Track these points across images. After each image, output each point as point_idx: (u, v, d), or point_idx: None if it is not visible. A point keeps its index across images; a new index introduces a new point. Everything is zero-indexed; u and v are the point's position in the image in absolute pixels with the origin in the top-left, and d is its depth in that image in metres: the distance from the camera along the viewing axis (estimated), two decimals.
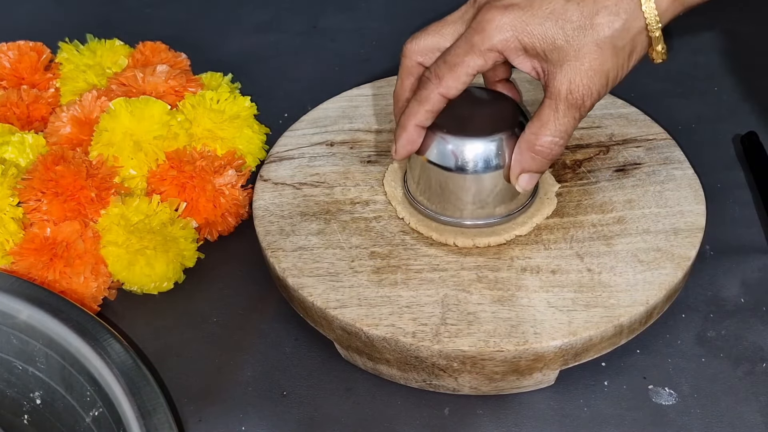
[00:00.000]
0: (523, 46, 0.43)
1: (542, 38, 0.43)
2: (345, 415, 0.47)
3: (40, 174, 0.53)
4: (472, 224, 0.50)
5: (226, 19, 0.81)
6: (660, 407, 0.47)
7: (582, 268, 0.48)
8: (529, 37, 0.43)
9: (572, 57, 0.42)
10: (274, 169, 0.56)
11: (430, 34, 0.47)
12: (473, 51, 0.44)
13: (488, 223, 0.50)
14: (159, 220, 0.53)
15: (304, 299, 0.47)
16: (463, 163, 0.48)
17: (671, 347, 0.50)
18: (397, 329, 0.45)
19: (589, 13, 0.42)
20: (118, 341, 0.42)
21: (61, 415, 0.43)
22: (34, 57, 0.65)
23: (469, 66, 0.44)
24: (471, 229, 0.50)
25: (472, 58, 0.44)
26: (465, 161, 0.48)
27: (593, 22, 0.42)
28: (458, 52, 0.44)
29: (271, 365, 0.50)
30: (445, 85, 0.45)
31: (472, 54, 0.44)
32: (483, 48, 0.43)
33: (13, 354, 0.44)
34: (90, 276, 0.52)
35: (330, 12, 0.81)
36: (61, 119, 0.58)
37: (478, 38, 0.43)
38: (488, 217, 0.50)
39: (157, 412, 0.39)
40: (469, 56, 0.44)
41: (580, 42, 0.42)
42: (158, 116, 0.56)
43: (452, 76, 0.44)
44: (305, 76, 0.73)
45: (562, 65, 0.43)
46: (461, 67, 0.44)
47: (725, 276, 0.53)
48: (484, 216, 0.50)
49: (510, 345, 0.44)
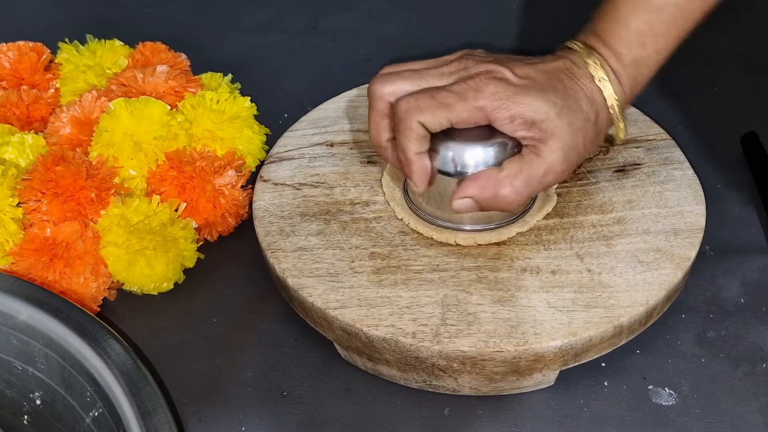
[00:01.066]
0: (512, 114, 0.44)
1: (535, 111, 0.44)
2: (345, 415, 0.47)
3: (40, 174, 0.53)
4: (471, 229, 0.50)
5: (226, 20, 0.81)
6: (660, 407, 0.47)
7: (582, 269, 0.48)
8: (520, 108, 0.44)
9: (554, 135, 0.45)
10: (274, 169, 0.56)
11: (404, 79, 0.46)
12: (464, 102, 0.44)
13: (487, 228, 0.50)
14: (159, 220, 0.53)
15: (304, 300, 0.47)
16: (462, 168, 0.47)
17: (671, 347, 0.50)
18: (397, 330, 0.45)
19: (566, 97, 0.45)
20: (118, 342, 0.42)
21: (61, 416, 0.43)
22: (34, 57, 0.65)
23: (455, 112, 0.44)
24: (470, 232, 0.50)
25: (461, 108, 0.44)
26: (465, 166, 0.47)
27: (568, 104, 0.45)
28: (449, 97, 0.44)
29: (271, 366, 0.50)
30: (426, 117, 0.44)
31: (462, 104, 0.44)
32: (475, 104, 0.44)
33: (13, 354, 0.44)
34: (90, 276, 0.52)
35: (330, 12, 0.81)
36: (61, 119, 0.58)
37: (472, 94, 0.44)
38: (487, 221, 0.50)
39: (157, 412, 0.39)
40: (459, 104, 0.44)
41: (560, 122, 0.44)
42: (158, 117, 0.56)
43: (435, 112, 0.44)
44: (305, 77, 0.73)
45: (546, 141, 0.45)
46: (447, 110, 0.44)
47: (725, 276, 0.53)
48: (483, 220, 0.50)
49: (510, 345, 0.44)
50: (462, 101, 0.44)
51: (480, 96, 0.44)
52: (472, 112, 0.44)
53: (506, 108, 0.44)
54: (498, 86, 0.44)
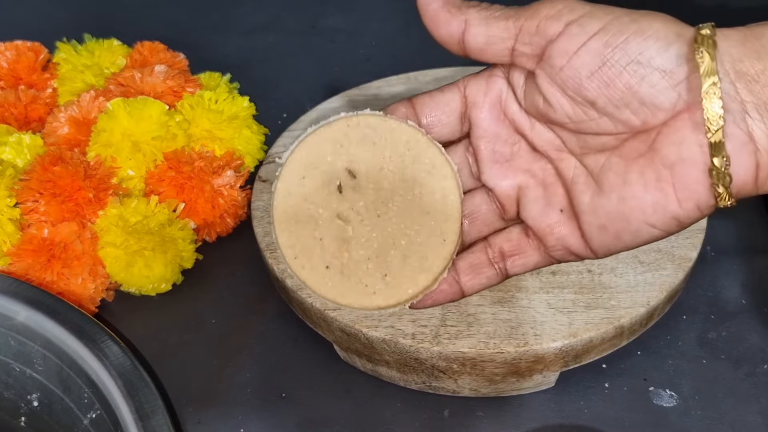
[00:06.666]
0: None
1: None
2: (344, 416, 0.47)
3: (38, 175, 0.52)
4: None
5: (224, 19, 0.81)
6: (661, 409, 0.47)
7: (582, 269, 0.48)
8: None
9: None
10: (273, 169, 0.56)
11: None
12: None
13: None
14: (157, 221, 0.53)
15: (303, 300, 0.47)
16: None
17: (672, 349, 0.50)
18: (397, 331, 0.45)
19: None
20: (116, 343, 0.42)
21: (58, 417, 0.43)
22: (32, 57, 0.65)
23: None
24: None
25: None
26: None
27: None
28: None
29: (270, 367, 0.50)
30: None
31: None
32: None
33: (10, 356, 0.44)
34: (88, 277, 0.51)
35: (330, 12, 0.81)
36: (59, 119, 0.58)
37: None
38: None
39: (156, 414, 0.39)
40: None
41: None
42: (156, 116, 0.56)
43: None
44: (304, 77, 0.73)
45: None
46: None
47: (726, 277, 0.53)
48: None
49: (510, 346, 0.44)
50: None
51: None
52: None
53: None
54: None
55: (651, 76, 0.32)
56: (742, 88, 0.31)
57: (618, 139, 0.34)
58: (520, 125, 0.38)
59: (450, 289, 0.39)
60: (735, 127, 0.31)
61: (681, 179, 0.32)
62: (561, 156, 0.37)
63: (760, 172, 0.32)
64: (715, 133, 0.31)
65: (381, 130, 0.38)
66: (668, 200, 0.33)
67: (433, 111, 0.38)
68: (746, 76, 0.31)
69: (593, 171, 0.35)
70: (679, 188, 0.33)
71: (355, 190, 0.37)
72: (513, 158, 0.38)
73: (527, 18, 0.34)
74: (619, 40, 0.32)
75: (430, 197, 0.37)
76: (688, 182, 0.32)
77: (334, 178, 0.37)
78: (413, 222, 0.37)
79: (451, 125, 0.39)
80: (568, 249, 0.37)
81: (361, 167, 0.37)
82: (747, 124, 0.31)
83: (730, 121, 0.31)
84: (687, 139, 0.32)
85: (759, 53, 0.31)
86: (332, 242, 0.37)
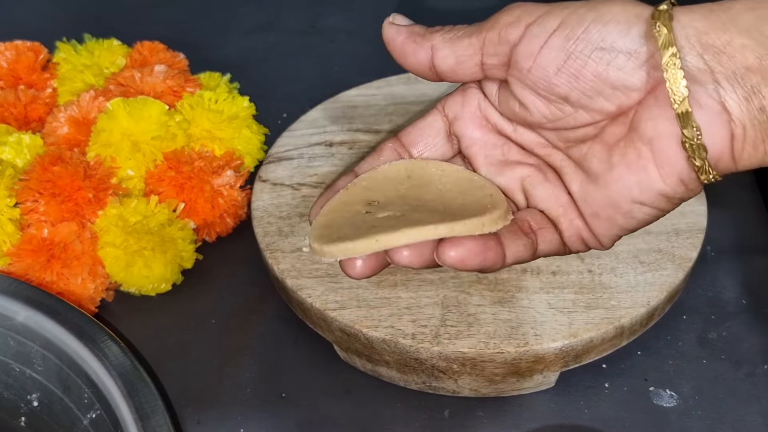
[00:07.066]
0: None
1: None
2: (344, 417, 0.47)
3: (38, 175, 0.52)
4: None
5: (224, 19, 0.81)
6: (661, 409, 0.46)
7: (582, 269, 0.48)
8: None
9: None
10: (273, 169, 0.56)
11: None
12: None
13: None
14: (157, 221, 0.53)
15: (303, 300, 0.47)
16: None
17: (672, 349, 0.49)
18: (397, 331, 0.45)
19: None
20: (115, 343, 0.42)
21: (58, 418, 0.43)
22: (32, 57, 0.64)
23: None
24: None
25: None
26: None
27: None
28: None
29: (270, 367, 0.50)
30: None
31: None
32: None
33: (10, 356, 0.44)
34: (87, 277, 0.51)
35: (330, 12, 0.81)
36: (59, 119, 0.58)
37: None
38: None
39: (156, 414, 0.39)
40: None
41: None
42: (156, 116, 0.56)
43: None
44: (304, 76, 0.73)
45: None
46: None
47: (727, 277, 0.53)
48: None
49: (510, 347, 0.44)
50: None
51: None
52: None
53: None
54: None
55: (617, 59, 0.32)
56: (710, 59, 0.31)
57: (597, 128, 0.35)
58: (503, 130, 0.39)
59: (496, 247, 0.36)
60: (707, 98, 0.31)
61: (659, 154, 0.33)
62: (548, 152, 0.38)
63: (735, 143, 0.32)
64: (681, 104, 0.31)
65: (376, 176, 0.39)
66: (651, 177, 0.33)
67: (420, 138, 0.40)
68: (713, 48, 0.31)
69: (579, 161, 0.36)
70: (659, 164, 0.33)
71: (382, 208, 0.37)
72: (506, 157, 0.39)
73: (488, 30, 0.35)
74: (579, 31, 0.32)
75: (455, 186, 0.38)
76: (667, 157, 0.33)
77: (361, 211, 0.37)
78: (453, 198, 0.37)
79: (441, 145, 0.40)
80: (578, 232, 0.37)
81: (380, 197, 0.38)
82: (719, 94, 0.31)
83: (701, 92, 0.31)
84: (659, 114, 0.32)
85: (725, 24, 0.31)
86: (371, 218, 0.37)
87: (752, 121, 0.31)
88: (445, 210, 0.36)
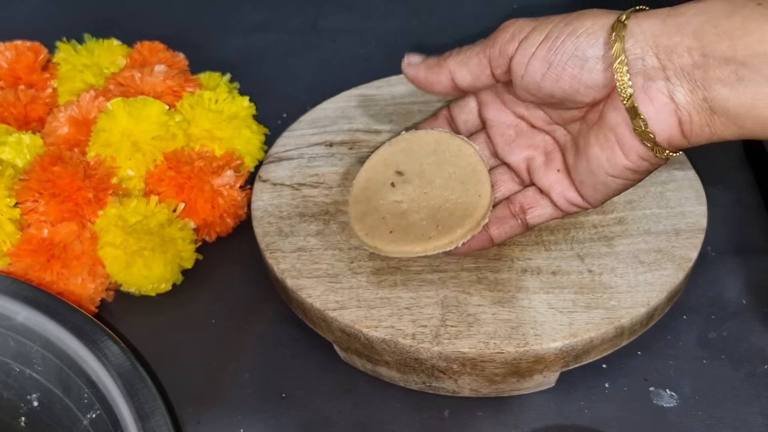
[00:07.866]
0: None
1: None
2: (344, 417, 0.47)
3: (38, 175, 0.52)
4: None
5: (224, 19, 0.81)
6: (661, 409, 0.46)
7: (583, 269, 0.48)
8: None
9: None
10: (273, 169, 0.56)
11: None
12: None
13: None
14: (157, 221, 0.53)
15: (303, 300, 0.47)
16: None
17: (672, 349, 0.49)
18: (397, 331, 0.44)
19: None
20: (115, 343, 0.42)
21: (58, 418, 0.43)
22: (32, 57, 0.65)
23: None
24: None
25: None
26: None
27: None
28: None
29: (270, 367, 0.50)
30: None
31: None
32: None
33: (10, 356, 0.44)
34: (87, 277, 0.51)
35: (329, 12, 0.81)
36: (59, 119, 0.58)
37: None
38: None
39: (155, 414, 0.39)
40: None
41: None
42: (156, 116, 0.56)
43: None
44: (304, 76, 0.73)
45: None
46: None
47: (727, 277, 0.53)
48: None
49: (510, 347, 0.44)
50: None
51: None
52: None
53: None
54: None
55: (587, 63, 0.39)
56: (664, 58, 0.37)
57: (581, 111, 0.42)
58: (518, 110, 0.47)
59: (481, 236, 0.47)
60: (657, 92, 0.37)
61: (619, 138, 0.40)
62: (553, 128, 0.45)
63: (683, 126, 0.38)
64: (627, 101, 0.38)
65: (414, 140, 0.49)
66: (616, 155, 0.40)
67: (460, 114, 0.49)
68: (666, 48, 0.37)
69: (574, 136, 0.44)
70: (621, 145, 0.40)
71: (404, 182, 0.48)
72: (518, 137, 0.47)
73: (490, 47, 0.42)
74: (557, 43, 0.39)
75: (462, 172, 0.47)
76: (625, 140, 0.40)
77: (389, 180, 0.48)
78: (453, 191, 0.47)
79: (474, 121, 0.49)
80: (568, 200, 0.45)
81: (406, 168, 0.48)
82: (668, 89, 0.37)
83: (653, 87, 0.37)
84: (617, 107, 0.39)
85: (677, 28, 0.37)
86: (393, 217, 0.47)
87: (696, 109, 0.37)
88: (437, 214, 0.47)
